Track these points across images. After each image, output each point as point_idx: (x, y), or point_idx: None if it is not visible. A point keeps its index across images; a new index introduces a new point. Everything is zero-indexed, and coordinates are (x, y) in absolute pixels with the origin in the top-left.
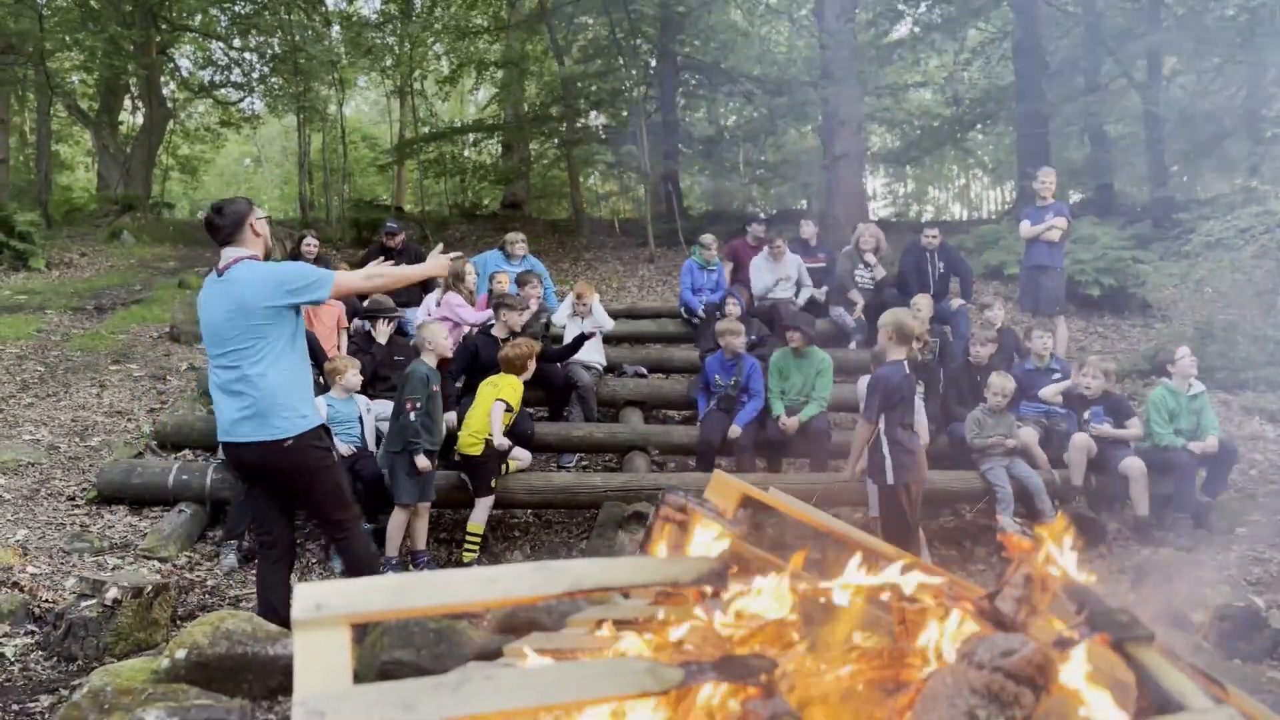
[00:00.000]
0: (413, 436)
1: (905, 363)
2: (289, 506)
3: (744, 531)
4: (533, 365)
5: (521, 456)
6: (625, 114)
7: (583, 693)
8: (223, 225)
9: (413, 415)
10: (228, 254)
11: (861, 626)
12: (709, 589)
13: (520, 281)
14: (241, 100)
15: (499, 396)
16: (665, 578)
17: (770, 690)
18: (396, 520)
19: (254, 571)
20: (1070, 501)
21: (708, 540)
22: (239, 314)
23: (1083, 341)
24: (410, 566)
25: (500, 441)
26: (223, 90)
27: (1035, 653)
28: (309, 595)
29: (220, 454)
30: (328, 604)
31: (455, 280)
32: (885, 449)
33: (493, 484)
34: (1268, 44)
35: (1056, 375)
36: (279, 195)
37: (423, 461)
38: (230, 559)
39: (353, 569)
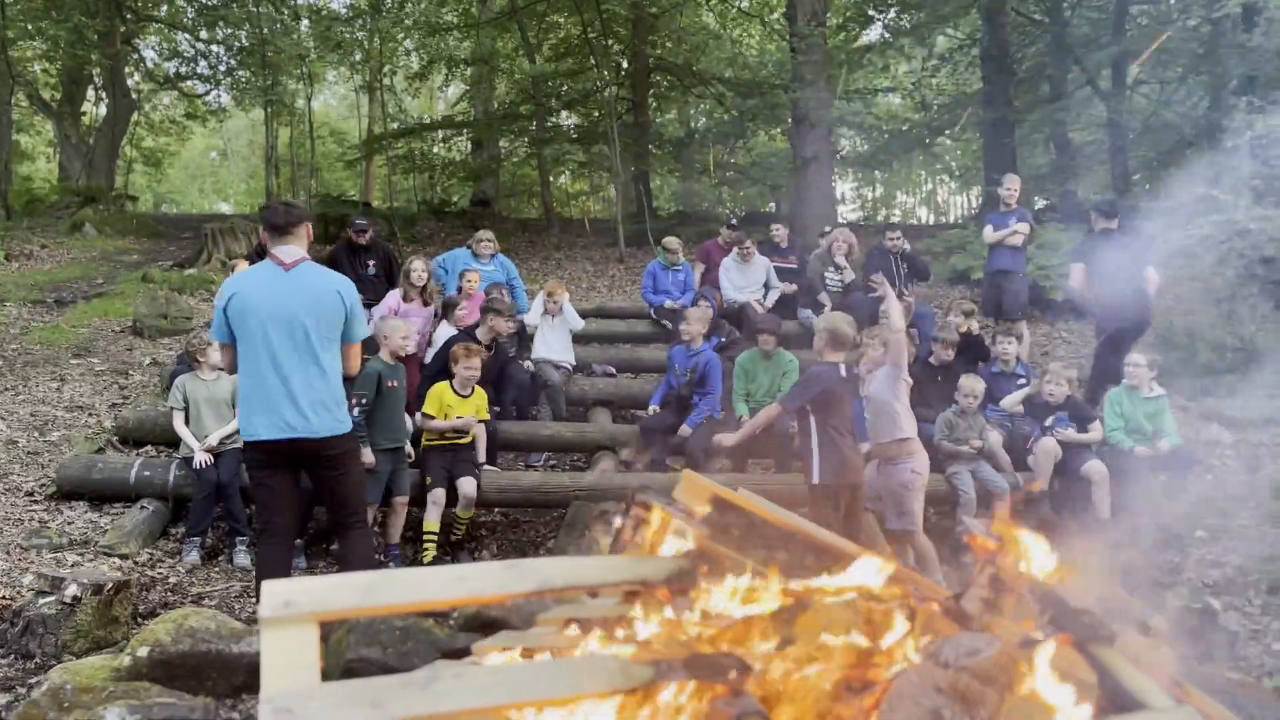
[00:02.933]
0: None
1: (842, 365)
2: (301, 496)
3: (712, 531)
4: (465, 371)
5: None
6: (596, 114)
7: (553, 690)
8: (289, 220)
9: (355, 411)
10: (290, 251)
11: (828, 626)
12: (679, 588)
13: (487, 292)
14: (208, 93)
15: (425, 410)
16: (636, 577)
17: (738, 688)
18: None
19: (216, 569)
20: (1035, 506)
21: (678, 540)
22: (317, 311)
23: (1046, 346)
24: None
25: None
26: (188, 82)
27: (1000, 653)
28: (277, 593)
29: (194, 446)
30: (296, 601)
31: (402, 278)
32: (814, 448)
33: (427, 483)
34: (1228, 55)
35: (1021, 380)
36: (245, 189)
37: (367, 457)
38: (193, 556)
39: (355, 561)
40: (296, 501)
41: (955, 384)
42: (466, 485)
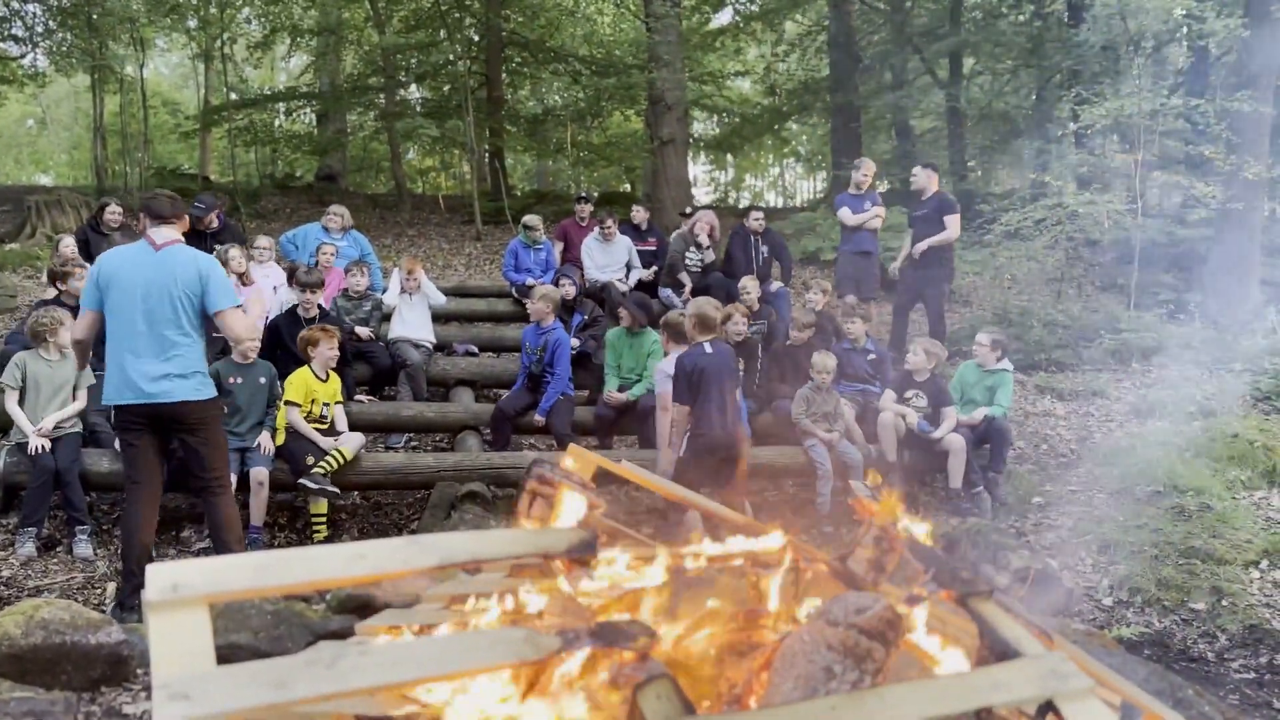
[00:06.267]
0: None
1: (706, 344)
2: (165, 460)
3: (606, 503)
4: (322, 351)
5: (351, 441)
6: (448, 88)
7: (463, 664)
8: (174, 212)
9: None
10: (164, 234)
11: (716, 592)
12: (581, 559)
13: (347, 270)
14: (23, 56)
15: (287, 399)
16: (538, 549)
17: (645, 654)
18: None
19: (55, 561)
20: (885, 476)
21: (574, 511)
22: (179, 287)
23: (891, 323)
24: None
25: (324, 443)
26: (1, 44)
27: (886, 609)
28: (164, 575)
29: (28, 430)
30: (186, 584)
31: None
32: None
33: (306, 462)
34: (1055, 50)
35: (871, 356)
36: (67, 160)
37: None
38: (28, 547)
39: (222, 523)
40: (162, 463)
41: (810, 361)
42: (352, 438)
